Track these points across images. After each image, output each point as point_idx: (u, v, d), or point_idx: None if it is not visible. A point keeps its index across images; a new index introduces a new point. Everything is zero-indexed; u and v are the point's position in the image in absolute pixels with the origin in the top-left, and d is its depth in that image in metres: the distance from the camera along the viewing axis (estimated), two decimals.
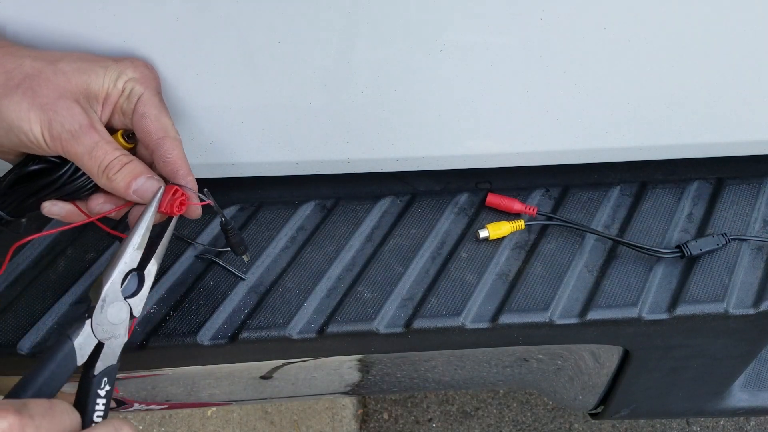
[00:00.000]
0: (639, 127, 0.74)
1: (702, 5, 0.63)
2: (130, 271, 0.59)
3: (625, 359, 0.86)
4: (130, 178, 0.59)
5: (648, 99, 0.71)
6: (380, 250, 0.79)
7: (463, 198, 0.83)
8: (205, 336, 0.73)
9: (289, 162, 0.76)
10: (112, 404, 0.96)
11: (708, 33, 0.65)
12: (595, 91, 0.70)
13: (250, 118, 0.70)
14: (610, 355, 0.86)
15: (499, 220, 0.80)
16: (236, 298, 0.75)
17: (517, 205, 0.81)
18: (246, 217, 0.81)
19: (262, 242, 0.79)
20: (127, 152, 0.60)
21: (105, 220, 0.65)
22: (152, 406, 0.97)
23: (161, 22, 0.61)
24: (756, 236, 0.79)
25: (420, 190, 0.84)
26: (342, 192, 0.84)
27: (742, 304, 0.76)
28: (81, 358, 0.56)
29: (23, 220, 0.66)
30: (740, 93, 0.71)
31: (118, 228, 0.67)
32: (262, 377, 0.89)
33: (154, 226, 0.61)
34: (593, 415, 1.05)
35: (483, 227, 0.79)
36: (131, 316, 0.59)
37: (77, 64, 0.58)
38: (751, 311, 0.76)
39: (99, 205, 0.63)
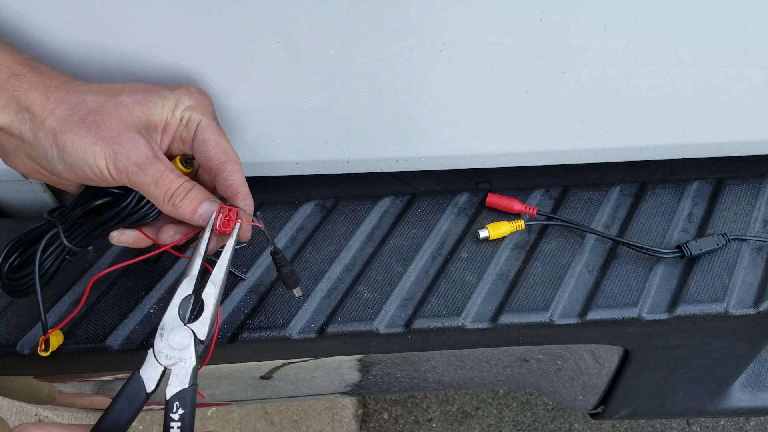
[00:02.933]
0: (639, 127, 0.74)
1: (702, 5, 0.63)
2: (187, 297, 0.61)
3: (625, 359, 0.86)
4: (196, 204, 0.61)
5: (648, 99, 0.71)
6: (380, 250, 0.79)
7: (463, 198, 0.83)
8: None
9: (289, 162, 0.76)
10: None
11: (708, 33, 0.65)
12: (595, 90, 0.70)
13: (249, 118, 0.70)
14: (610, 355, 0.86)
15: (499, 220, 0.80)
16: (236, 298, 0.75)
17: (517, 205, 0.81)
18: None
19: (262, 242, 0.79)
20: (188, 179, 0.61)
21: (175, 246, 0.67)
22: (152, 406, 0.97)
23: (160, 20, 0.61)
24: (756, 236, 0.79)
25: (420, 190, 0.84)
26: (342, 192, 0.84)
27: (742, 304, 0.76)
28: (150, 387, 0.58)
29: (90, 248, 0.70)
30: (740, 93, 0.71)
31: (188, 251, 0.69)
32: (262, 377, 0.89)
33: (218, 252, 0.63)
34: (593, 415, 1.05)
35: (483, 227, 0.79)
36: (197, 340, 0.60)
37: (137, 96, 0.60)
38: (751, 311, 0.76)
39: (170, 237, 0.65)
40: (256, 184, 0.81)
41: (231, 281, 0.76)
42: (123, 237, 0.65)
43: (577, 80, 0.69)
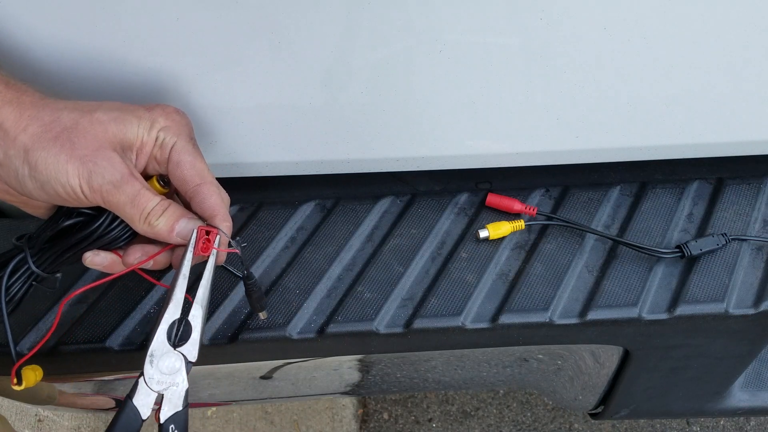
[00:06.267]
0: (639, 127, 0.74)
1: (702, 5, 0.63)
2: (174, 322, 0.60)
3: (625, 359, 0.86)
4: (173, 221, 0.59)
5: (648, 99, 0.71)
6: (380, 250, 0.79)
7: (463, 198, 0.83)
8: (205, 336, 0.73)
9: (289, 162, 0.76)
10: (112, 404, 0.96)
11: (708, 33, 0.65)
12: (595, 91, 0.70)
13: (249, 118, 0.70)
14: (610, 355, 0.86)
15: (499, 220, 0.80)
16: (236, 298, 0.75)
17: (517, 205, 0.81)
18: (246, 217, 0.81)
19: (262, 242, 0.79)
20: (165, 198, 0.60)
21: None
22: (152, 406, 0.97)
23: (160, 20, 0.61)
24: (756, 236, 0.79)
25: (420, 190, 0.84)
26: (342, 192, 0.84)
27: (742, 304, 0.76)
28: (145, 413, 0.58)
29: (58, 275, 0.67)
30: (740, 93, 0.71)
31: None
32: (262, 377, 0.89)
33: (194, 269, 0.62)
34: (593, 415, 1.05)
35: (483, 227, 0.79)
36: (188, 362, 0.60)
37: (113, 114, 0.58)
38: (751, 311, 0.76)
39: (136, 259, 0.63)
40: (256, 184, 0.82)
41: (231, 281, 0.76)
42: (97, 258, 0.62)
43: (577, 80, 0.69)
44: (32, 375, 0.65)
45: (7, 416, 1.79)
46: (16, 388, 0.64)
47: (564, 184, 0.85)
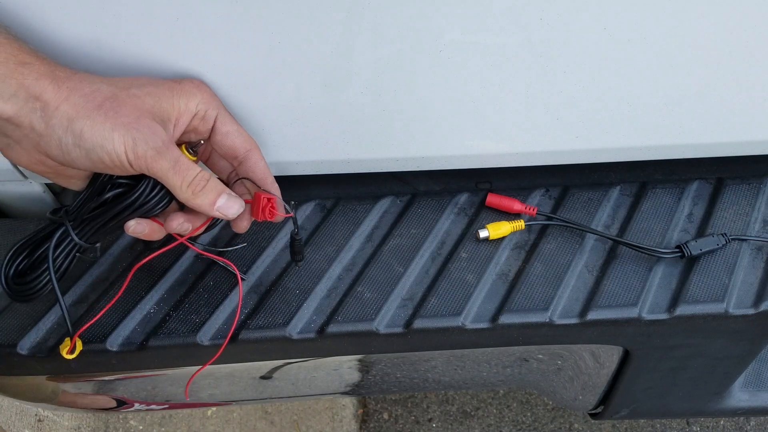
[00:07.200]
0: (639, 127, 0.74)
1: (702, 5, 0.63)
2: None
3: (625, 359, 0.86)
4: (214, 196, 0.62)
5: (648, 99, 0.71)
6: (380, 250, 0.79)
7: (463, 198, 0.83)
8: (205, 336, 0.73)
9: (289, 162, 0.76)
10: (112, 404, 0.96)
11: (708, 33, 0.66)
12: (595, 91, 0.70)
13: (249, 118, 0.70)
14: (610, 355, 0.86)
15: (499, 220, 0.80)
16: (236, 298, 0.75)
17: (517, 205, 0.81)
18: None
19: (262, 242, 0.79)
20: (203, 169, 0.62)
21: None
22: (152, 406, 0.97)
23: (159, 20, 0.61)
24: (756, 236, 0.79)
25: (420, 190, 0.84)
26: (342, 192, 0.84)
27: (742, 304, 0.76)
28: None
29: (98, 245, 0.69)
30: (740, 93, 0.71)
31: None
32: (262, 377, 0.89)
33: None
34: (593, 415, 1.05)
35: (483, 227, 0.79)
36: None
37: (147, 89, 0.60)
38: (751, 311, 0.76)
39: (179, 224, 0.65)
40: None
41: (231, 281, 0.76)
42: (139, 227, 0.64)
43: (577, 80, 0.69)
44: (79, 344, 0.70)
45: (7, 416, 1.79)
46: (68, 356, 0.68)
47: (564, 184, 0.85)
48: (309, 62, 0.65)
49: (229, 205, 0.63)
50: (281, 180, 0.80)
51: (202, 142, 0.66)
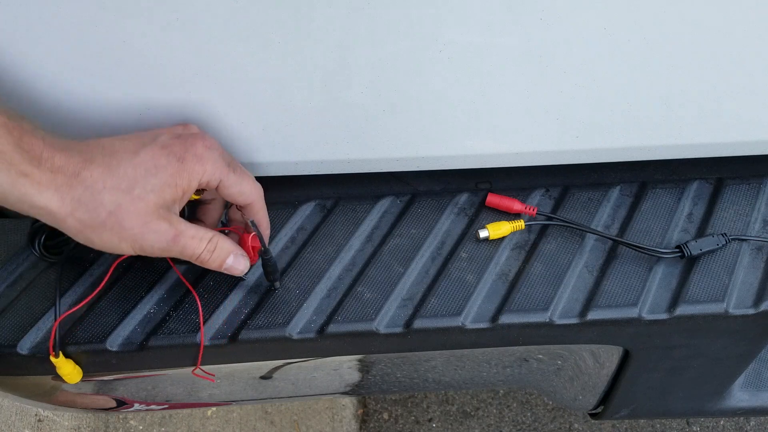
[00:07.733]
0: (639, 127, 0.74)
1: (702, 5, 0.63)
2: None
3: (625, 359, 0.86)
4: (220, 261, 0.68)
5: (648, 99, 0.71)
6: (380, 250, 0.79)
7: (463, 198, 0.83)
8: (205, 336, 0.73)
9: (289, 162, 0.76)
10: (112, 404, 0.96)
11: (708, 33, 0.65)
12: (595, 91, 0.70)
13: (249, 118, 0.70)
14: (610, 355, 0.86)
15: (499, 220, 0.80)
16: (236, 298, 0.75)
17: (517, 205, 0.81)
18: None
19: None
20: (211, 233, 0.66)
21: None
22: (152, 406, 0.97)
23: (160, 21, 0.61)
24: (756, 236, 0.79)
25: (420, 190, 0.84)
26: (342, 192, 0.84)
27: (742, 304, 0.76)
28: None
29: None
30: (740, 93, 0.71)
31: None
32: (262, 377, 0.89)
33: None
34: (593, 415, 1.05)
35: (483, 227, 0.79)
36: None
37: (150, 183, 0.62)
38: (751, 311, 0.76)
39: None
40: None
41: (231, 281, 0.76)
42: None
43: (577, 80, 0.69)
44: (75, 372, 0.74)
45: (7, 416, 1.79)
46: (51, 355, 0.71)
47: (564, 184, 0.84)
48: (309, 62, 0.65)
49: (236, 265, 0.69)
50: (281, 180, 0.80)
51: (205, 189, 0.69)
